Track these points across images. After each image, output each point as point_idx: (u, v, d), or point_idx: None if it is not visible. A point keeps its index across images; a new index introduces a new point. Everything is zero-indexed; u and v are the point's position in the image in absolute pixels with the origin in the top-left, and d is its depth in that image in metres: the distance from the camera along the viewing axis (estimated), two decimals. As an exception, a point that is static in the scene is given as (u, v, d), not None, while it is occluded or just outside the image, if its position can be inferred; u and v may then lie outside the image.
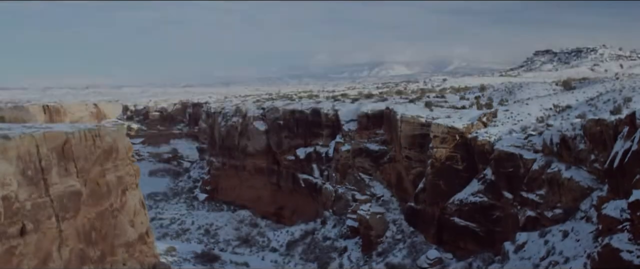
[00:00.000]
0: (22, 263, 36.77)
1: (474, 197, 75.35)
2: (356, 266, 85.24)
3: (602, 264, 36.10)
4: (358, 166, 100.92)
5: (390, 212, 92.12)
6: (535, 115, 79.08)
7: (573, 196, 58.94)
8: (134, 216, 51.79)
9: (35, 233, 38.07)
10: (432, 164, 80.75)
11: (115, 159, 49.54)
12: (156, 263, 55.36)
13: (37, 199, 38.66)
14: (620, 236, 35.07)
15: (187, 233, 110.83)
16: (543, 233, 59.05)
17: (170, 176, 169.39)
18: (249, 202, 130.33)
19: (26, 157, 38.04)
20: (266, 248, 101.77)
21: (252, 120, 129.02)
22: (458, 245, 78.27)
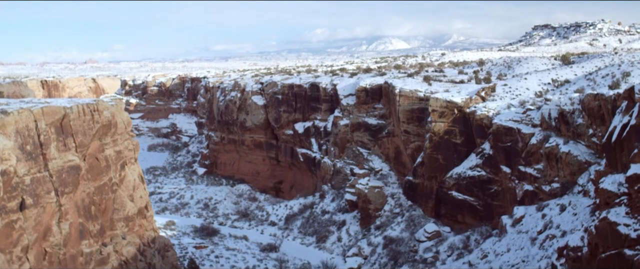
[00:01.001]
0: (22, 237, 36.95)
1: (472, 171, 75.53)
2: (354, 240, 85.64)
3: (600, 237, 36.27)
4: (356, 140, 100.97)
5: (389, 186, 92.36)
6: (533, 90, 79.04)
7: (571, 170, 59.10)
8: (133, 191, 51.91)
9: (35, 207, 38.21)
10: (431, 138, 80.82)
11: (114, 133, 49.58)
12: (155, 236, 55.62)
13: (36, 173, 38.76)
14: (618, 210, 35.19)
15: (186, 207, 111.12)
16: (541, 207, 59.30)
17: (169, 150, 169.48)
18: (248, 176, 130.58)
19: (25, 132, 38.08)
20: (265, 222, 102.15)
21: (250, 95, 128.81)
22: (456, 219, 78.63)
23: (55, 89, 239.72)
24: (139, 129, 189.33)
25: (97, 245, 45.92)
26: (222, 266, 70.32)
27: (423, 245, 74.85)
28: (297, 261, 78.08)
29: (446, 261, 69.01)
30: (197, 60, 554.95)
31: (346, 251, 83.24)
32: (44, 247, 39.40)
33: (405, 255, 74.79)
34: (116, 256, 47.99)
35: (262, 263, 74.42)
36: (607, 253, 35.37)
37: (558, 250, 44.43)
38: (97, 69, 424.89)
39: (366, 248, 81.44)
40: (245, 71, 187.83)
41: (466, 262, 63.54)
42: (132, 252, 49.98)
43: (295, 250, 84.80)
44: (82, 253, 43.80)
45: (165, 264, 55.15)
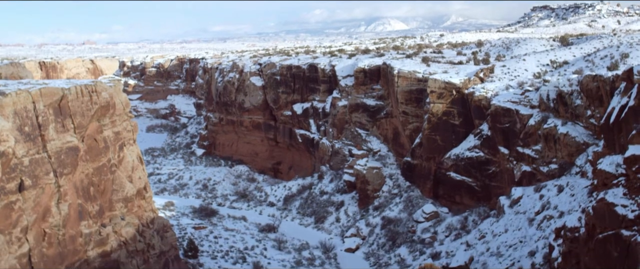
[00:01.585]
0: (21, 218, 37.05)
1: (470, 152, 75.66)
2: (353, 220, 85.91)
3: (597, 218, 36.40)
4: (355, 121, 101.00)
5: (387, 167, 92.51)
6: (532, 71, 78.99)
7: (569, 151, 59.23)
8: (131, 172, 51.98)
9: (34, 188, 38.29)
10: (429, 119, 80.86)
11: (112, 115, 49.56)
12: (154, 217, 55.77)
13: (35, 155, 38.79)
14: (615, 191, 35.28)
15: (185, 188, 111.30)
16: (538, 188, 59.49)
17: (168, 131, 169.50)
18: (246, 157, 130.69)
19: (23, 113, 38.06)
20: (264, 203, 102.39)
21: (248, 76, 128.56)
22: (454, 199, 78.87)
23: (53, 71, 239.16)
24: (137, 110, 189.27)
25: (96, 226, 46.07)
26: (221, 247, 70.56)
27: (421, 226, 75.13)
28: (296, 242, 78.37)
29: (444, 242, 69.31)
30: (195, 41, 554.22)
31: (344, 232, 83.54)
32: (43, 228, 39.54)
33: (403, 235, 75.09)
34: (115, 236, 48.17)
35: (261, 244, 74.69)
36: (604, 234, 35.52)
37: (555, 231, 44.61)
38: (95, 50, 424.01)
39: (364, 229, 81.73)
40: (243, 52, 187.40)
41: (464, 242, 63.83)
42: (131, 232, 50.16)
43: (293, 231, 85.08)
44: (82, 234, 43.95)
45: (164, 245, 55.37)
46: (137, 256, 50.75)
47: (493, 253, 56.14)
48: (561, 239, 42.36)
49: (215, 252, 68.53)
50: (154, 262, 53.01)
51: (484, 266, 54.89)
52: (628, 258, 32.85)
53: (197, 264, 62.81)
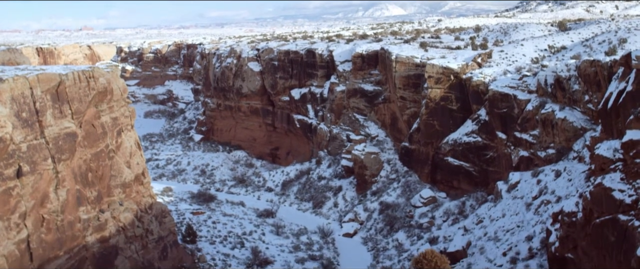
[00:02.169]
0: (19, 204, 37.09)
1: (468, 137, 75.74)
2: (351, 205, 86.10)
3: (594, 203, 36.51)
4: (353, 106, 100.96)
5: (385, 152, 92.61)
6: (530, 56, 78.92)
7: (566, 136, 59.29)
8: (129, 157, 52.00)
9: (32, 174, 38.31)
10: (427, 104, 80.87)
11: (110, 100, 49.51)
12: (153, 203, 55.85)
13: (33, 141, 38.79)
14: (613, 176, 35.38)
15: (183, 174, 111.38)
16: (536, 173, 59.60)
17: (166, 117, 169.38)
18: (244, 142, 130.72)
19: (20, 99, 38.00)
20: (262, 188, 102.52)
21: (246, 61, 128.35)
22: (451, 184, 79.02)
23: (51, 57, 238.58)
24: (135, 96, 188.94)
25: (95, 211, 46.14)
26: (219, 232, 70.72)
27: (419, 211, 75.32)
28: (294, 227, 78.55)
29: (442, 227, 69.52)
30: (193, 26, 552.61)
31: (342, 217, 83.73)
32: (41, 214, 39.59)
33: (401, 220, 75.29)
34: (114, 222, 48.26)
35: (259, 229, 74.85)
36: (601, 218, 35.65)
37: (553, 215, 44.74)
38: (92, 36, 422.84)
39: (362, 214, 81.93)
40: (241, 38, 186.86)
41: (461, 227, 64.02)
42: (129, 218, 50.25)
43: (291, 216, 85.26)
44: (80, 219, 44.02)
45: (163, 230, 55.50)
46: (135, 242, 50.89)
47: (490, 237, 56.34)
48: (558, 224, 42.50)
49: (214, 237, 68.70)
50: (152, 247, 53.15)
51: (482, 251, 55.08)
52: (625, 243, 32.98)
53: (195, 249, 62.97)
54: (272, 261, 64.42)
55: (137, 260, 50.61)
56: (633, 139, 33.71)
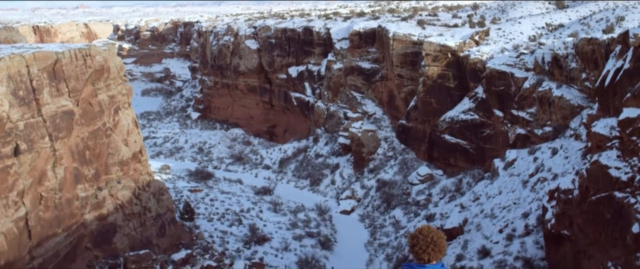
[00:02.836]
0: (17, 182, 37.20)
1: (465, 115, 75.81)
2: (348, 183, 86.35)
3: (590, 180, 36.66)
4: (350, 84, 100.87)
5: (382, 129, 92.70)
6: (527, 34, 78.79)
7: (563, 114, 59.38)
8: (127, 135, 52.06)
9: (29, 152, 38.37)
10: (424, 82, 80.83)
11: (106, 78, 49.47)
12: (150, 180, 56.02)
13: (30, 119, 38.81)
14: (609, 154, 35.49)
15: (180, 152, 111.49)
16: (532, 150, 59.77)
17: (163, 95, 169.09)
18: (242, 120, 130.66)
19: (17, 77, 37.97)
20: (259, 166, 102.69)
21: (243, 39, 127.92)
22: (448, 162, 79.21)
23: (47, 35, 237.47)
24: (132, 74, 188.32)
25: (93, 189, 46.28)
26: (217, 209, 70.93)
27: (416, 188, 75.57)
28: (291, 204, 78.79)
29: (438, 204, 69.79)
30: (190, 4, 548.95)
31: (340, 194, 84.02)
32: (39, 191, 39.72)
33: (398, 198, 75.56)
34: (112, 199, 48.43)
35: (257, 206, 75.09)
36: (597, 196, 35.82)
37: (549, 193, 44.93)
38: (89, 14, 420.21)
39: (359, 191, 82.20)
40: (238, 15, 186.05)
41: (458, 204, 64.29)
42: (127, 196, 50.42)
43: (289, 193, 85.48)
44: (78, 197, 44.16)
45: (161, 208, 55.70)
46: (133, 219, 51.09)
47: (487, 214, 56.60)
48: (554, 201, 42.69)
49: (212, 214, 68.94)
50: (150, 225, 53.37)
51: (478, 228, 55.37)
52: (621, 220, 33.19)
53: (193, 226, 63.21)
54: (269, 238, 64.72)
55: (136, 237, 50.85)
56: (630, 117, 33.79)
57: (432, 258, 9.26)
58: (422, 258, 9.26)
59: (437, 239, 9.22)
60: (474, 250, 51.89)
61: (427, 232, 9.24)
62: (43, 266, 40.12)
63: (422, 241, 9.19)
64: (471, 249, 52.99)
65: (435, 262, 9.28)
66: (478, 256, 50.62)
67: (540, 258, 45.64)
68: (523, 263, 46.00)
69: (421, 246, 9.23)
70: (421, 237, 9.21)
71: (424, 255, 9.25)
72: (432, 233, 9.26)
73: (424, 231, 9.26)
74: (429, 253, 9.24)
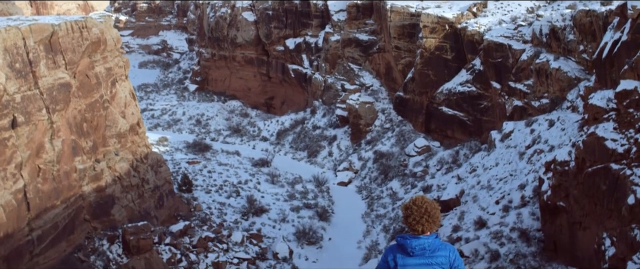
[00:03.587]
0: (15, 155, 37.32)
1: (462, 87, 75.79)
2: (345, 155, 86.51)
3: (587, 152, 36.85)
4: (347, 56, 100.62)
5: (379, 101, 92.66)
6: (525, 5, 78.42)
7: (560, 86, 59.44)
8: (124, 107, 52.11)
9: (27, 125, 38.46)
10: (422, 54, 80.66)
11: (103, 51, 49.40)
12: (148, 152, 56.19)
13: (27, 91, 38.84)
14: (606, 125, 35.63)
15: (178, 124, 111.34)
16: (529, 122, 59.93)
17: (160, 67, 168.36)
18: (239, 92, 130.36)
19: (13, 50, 37.91)
20: (257, 137, 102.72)
21: (240, 11, 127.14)
22: (446, 134, 79.32)
23: (44, 8, 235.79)
24: (129, 46, 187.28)
25: (91, 161, 46.45)
26: (215, 181, 71.15)
27: (413, 159, 75.73)
28: (289, 176, 79.02)
29: (435, 175, 70.05)
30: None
31: (337, 166, 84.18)
32: (37, 164, 39.88)
33: (395, 169, 75.76)
34: (110, 171, 48.62)
35: (254, 178, 75.31)
36: (593, 167, 36.04)
37: (545, 164, 45.14)
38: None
39: (357, 163, 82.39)
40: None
41: (455, 176, 64.58)
42: (125, 168, 50.62)
43: (286, 165, 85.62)
44: (76, 169, 44.33)
45: (159, 180, 55.93)
46: (131, 191, 51.33)
47: (483, 186, 56.92)
48: (551, 173, 42.93)
49: (209, 186, 69.19)
50: (148, 196, 53.63)
51: (475, 199, 55.73)
52: (616, 191, 33.45)
53: (191, 198, 63.47)
54: (267, 209, 65.05)
55: (134, 209, 51.13)
56: (627, 89, 33.91)
57: (426, 229, 9.09)
58: (416, 228, 9.09)
59: (431, 209, 9.03)
60: (471, 221, 52.28)
61: (421, 202, 9.06)
62: (42, 238, 40.41)
63: (415, 212, 9.02)
64: (467, 220, 53.38)
65: (429, 233, 9.13)
66: (474, 227, 51.01)
67: (536, 229, 46.03)
68: (519, 234, 46.40)
69: (415, 217, 9.05)
70: (415, 208, 9.03)
71: (418, 226, 9.07)
72: (426, 203, 9.07)
73: (417, 201, 9.08)
74: (423, 224, 9.06)
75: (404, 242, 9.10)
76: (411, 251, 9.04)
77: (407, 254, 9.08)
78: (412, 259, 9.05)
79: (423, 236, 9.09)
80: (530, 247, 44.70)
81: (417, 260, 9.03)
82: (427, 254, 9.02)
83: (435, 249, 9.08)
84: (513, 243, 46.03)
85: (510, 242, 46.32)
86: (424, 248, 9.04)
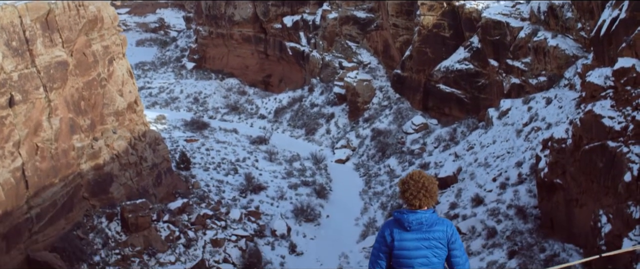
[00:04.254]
0: (13, 133, 37.37)
1: (460, 64, 75.71)
2: (343, 132, 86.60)
3: (584, 129, 36.95)
4: (345, 33, 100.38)
5: (377, 79, 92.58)
6: (524, -19, 78.17)
7: (558, 64, 59.40)
8: (122, 86, 52.08)
9: (24, 103, 38.48)
10: (419, 31, 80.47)
11: (100, 29, 49.26)
12: (146, 130, 56.25)
13: (24, 70, 38.82)
14: (603, 103, 35.69)
15: (176, 102, 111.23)
16: (527, 100, 59.97)
17: (158, 45, 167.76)
18: (237, 70, 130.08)
19: (10, 28, 37.82)
20: (254, 115, 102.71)
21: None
22: (443, 111, 79.37)
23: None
24: (126, 24, 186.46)
25: (89, 139, 46.51)
26: (213, 159, 71.25)
27: (410, 137, 75.83)
28: (287, 153, 79.09)
29: (433, 153, 70.21)
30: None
31: (335, 143, 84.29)
32: (35, 142, 39.94)
33: (392, 147, 75.88)
34: (108, 149, 48.70)
35: (252, 155, 75.42)
36: (590, 145, 36.17)
37: (543, 142, 45.29)
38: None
39: (354, 140, 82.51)
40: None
41: (452, 153, 64.74)
42: (123, 146, 50.70)
43: (284, 142, 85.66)
44: (74, 147, 44.40)
45: (157, 157, 56.05)
46: (129, 169, 51.44)
47: (481, 163, 57.09)
48: (548, 150, 43.07)
49: (208, 164, 69.30)
50: (146, 174, 53.76)
51: (472, 176, 55.93)
52: (613, 168, 33.61)
53: (189, 176, 63.61)
54: (265, 186, 65.22)
55: (132, 187, 51.27)
56: (624, 67, 33.94)
57: (423, 204, 8.98)
58: (413, 203, 8.98)
59: (428, 184, 8.94)
60: (468, 198, 52.54)
61: (418, 177, 8.97)
62: (41, 216, 40.58)
63: (413, 187, 8.94)
64: (465, 197, 53.63)
65: (427, 208, 9.04)
66: (471, 204, 51.28)
67: (532, 206, 46.28)
68: (516, 211, 46.66)
69: (412, 192, 8.95)
70: (412, 182, 8.94)
71: (415, 201, 8.96)
72: (423, 178, 8.97)
73: (415, 176, 9.00)
74: (420, 199, 8.95)
75: (401, 217, 9.02)
76: (408, 226, 8.96)
77: (404, 229, 9.01)
78: (409, 234, 8.98)
79: (420, 210, 9.00)
80: (527, 224, 44.97)
81: (414, 235, 8.96)
82: (424, 229, 8.95)
83: (432, 224, 9.01)
84: (510, 220, 46.30)
85: (507, 219, 46.60)
86: (421, 222, 8.96)
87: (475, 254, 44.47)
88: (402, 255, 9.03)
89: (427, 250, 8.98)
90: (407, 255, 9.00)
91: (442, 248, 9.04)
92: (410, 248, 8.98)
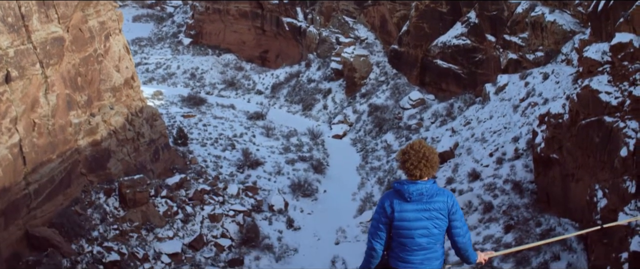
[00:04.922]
0: (10, 109, 37.35)
1: (457, 40, 75.60)
2: (340, 108, 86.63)
3: (581, 105, 37.05)
4: (342, 9, 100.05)
5: (374, 54, 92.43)
6: (522, -44, 77.89)
7: (555, 39, 59.40)
8: (118, 61, 51.96)
9: (21, 79, 38.40)
10: (416, 7, 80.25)
11: (96, 4, 49.03)
12: (143, 106, 56.21)
13: (20, 46, 38.69)
14: (600, 78, 35.77)
15: (173, 77, 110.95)
16: (524, 75, 60.02)
17: (154, 21, 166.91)
18: (234, 46, 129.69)
19: (5, 4, 37.65)
20: (251, 91, 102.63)
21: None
22: (440, 87, 79.37)
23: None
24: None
25: (86, 115, 46.50)
26: (210, 134, 71.30)
27: (407, 112, 75.88)
28: (284, 129, 79.16)
29: (430, 128, 70.34)
30: None
31: (332, 119, 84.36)
32: (32, 118, 39.92)
33: (389, 122, 75.97)
34: (105, 125, 48.70)
35: (249, 131, 75.46)
36: (587, 120, 36.29)
37: (539, 117, 45.41)
38: None
39: (351, 116, 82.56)
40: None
41: (449, 128, 64.89)
42: (120, 121, 50.68)
43: (281, 118, 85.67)
44: (71, 124, 44.41)
45: (154, 133, 56.07)
46: (127, 145, 51.47)
47: (478, 138, 57.25)
48: (545, 126, 43.20)
49: (205, 139, 69.36)
50: (144, 150, 53.80)
51: (469, 152, 56.10)
52: (609, 143, 33.76)
53: (187, 151, 63.70)
54: (262, 162, 65.35)
55: (130, 163, 51.35)
56: (622, 42, 33.98)
57: (423, 174, 8.88)
58: (414, 173, 8.88)
59: (429, 154, 8.82)
60: (464, 173, 52.76)
61: (419, 147, 8.83)
62: (39, 192, 40.68)
63: (413, 157, 8.82)
64: (461, 172, 53.84)
65: (427, 178, 8.98)
66: (468, 179, 51.50)
67: (529, 181, 46.52)
68: (512, 186, 46.89)
69: (412, 162, 8.84)
70: (413, 152, 8.82)
71: (416, 171, 8.86)
72: (424, 147, 8.83)
73: (415, 146, 8.87)
74: (421, 169, 8.85)
75: (401, 187, 8.97)
76: (408, 197, 8.92)
77: (404, 199, 8.96)
78: (409, 204, 8.94)
79: (420, 181, 8.93)
80: (523, 199, 45.23)
81: (414, 206, 8.92)
82: (424, 199, 8.91)
83: (433, 195, 8.98)
84: (506, 195, 46.56)
85: (504, 194, 46.85)
86: (422, 193, 8.91)
87: (472, 229, 44.66)
88: (402, 226, 9.01)
89: (427, 221, 8.98)
90: (408, 226, 8.99)
91: (443, 219, 9.05)
92: (411, 218, 8.97)
